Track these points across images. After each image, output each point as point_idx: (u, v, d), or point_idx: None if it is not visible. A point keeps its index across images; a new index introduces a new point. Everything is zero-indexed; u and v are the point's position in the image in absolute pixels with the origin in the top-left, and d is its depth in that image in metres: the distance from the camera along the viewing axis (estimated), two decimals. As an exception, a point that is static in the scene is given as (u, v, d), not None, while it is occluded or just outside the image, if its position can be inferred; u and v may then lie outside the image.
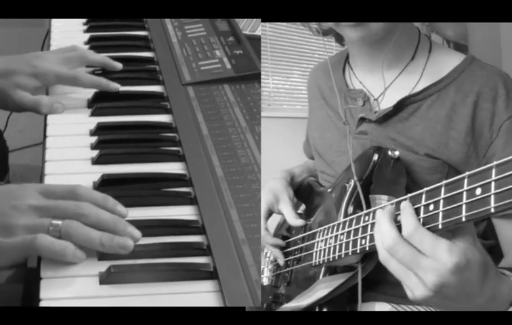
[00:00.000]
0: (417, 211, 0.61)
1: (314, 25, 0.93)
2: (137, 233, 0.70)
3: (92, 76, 0.97)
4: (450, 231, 0.60)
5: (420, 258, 0.60)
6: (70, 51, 0.99)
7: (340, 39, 0.94)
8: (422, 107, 0.84)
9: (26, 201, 0.69)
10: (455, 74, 0.84)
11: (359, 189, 0.80)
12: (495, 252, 0.85)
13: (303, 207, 0.97)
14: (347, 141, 0.87)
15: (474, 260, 0.59)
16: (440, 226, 0.59)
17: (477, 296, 0.62)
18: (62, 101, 0.94)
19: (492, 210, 0.53)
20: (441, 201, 0.59)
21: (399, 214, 0.63)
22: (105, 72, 0.99)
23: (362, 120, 0.88)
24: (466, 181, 0.56)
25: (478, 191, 0.54)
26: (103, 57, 1.00)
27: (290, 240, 0.95)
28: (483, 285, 0.61)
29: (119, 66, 1.01)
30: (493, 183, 0.53)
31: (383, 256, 0.64)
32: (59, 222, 0.68)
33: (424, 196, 0.61)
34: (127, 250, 0.69)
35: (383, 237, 0.63)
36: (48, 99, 0.94)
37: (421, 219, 0.61)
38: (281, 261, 0.94)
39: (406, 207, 0.62)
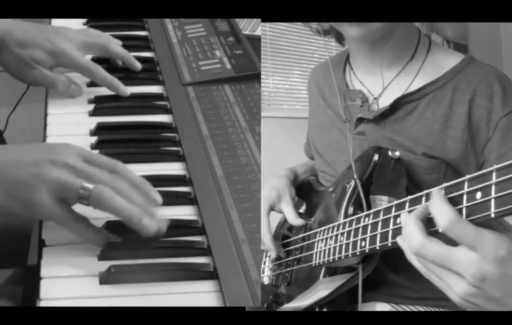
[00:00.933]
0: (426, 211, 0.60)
1: (314, 25, 0.93)
2: (163, 225, 0.70)
3: (107, 74, 0.96)
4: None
5: (454, 252, 0.56)
6: (96, 37, 0.98)
7: (340, 39, 0.94)
8: (419, 106, 0.84)
9: (64, 158, 0.68)
10: (452, 74, 0.84)
11: (360, 189, 0.80)
12: None
13: (304, 207, 0.97)
14: (348, 140, 0.87)
15: None
16: (440, 230, 0.58)
17: None
18: (79, 85, 0.94)
19: (493, 215, 0.52)
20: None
21: (398, 214, 0.63)
22: (112, 70, 0.99)
23: (360, 120, 0.88)
24: (466, 184, 0.56)
25: (478, 194, 0.54)
26: (126, 52, 1.00)
27: (290, 239, 0.95)
28: None
29: (139, 65, 1.00)
30: (493, 187, 0.52)
31: (416, 262, 0.60)
32: (91, 186, 0.67)
33: (424, 198, 0.61)
34: (149, 232, 0.68)
35: (409, 241, 0.59)
36: (66, 78, 0.94)
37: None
38: (282, 254, 0.93)
39: (438, 196, 0.58)
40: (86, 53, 0.96)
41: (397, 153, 0.81)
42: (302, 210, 0.96)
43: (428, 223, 0.59)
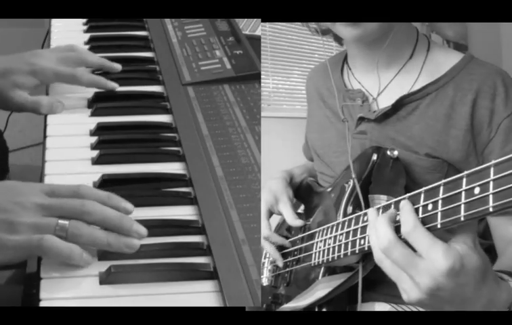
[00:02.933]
0: (416, 211, 0.61)
1: (313, 25, 0.93)
2: (142, 230, 0.70)
3: (90, 75, 0.97)
4: (450, 232, 0.60)
5: (415, 259, 0.59)
6: (68, 50, 0.98)
7: (339, 39, 0.94)
8: (421, 106, 0.84)
9: (31, 198, 0.68)
10: (453, 73, 0.84)
11: (358, 189, 0.80)
12: (494, 251, 0.85)
13: (302, 207, 0.97)
14: (347, 141, 0.87)
15: (471, 265, 0.58)
16: (439, 226, 0.58)
17: (473, 301, 0.61)
18: (62, 101, 0.94)
19: (491, 209, 0.53)
20: (440, 201, 0.58)
21: (398, 214, 0.63)
22: (106, 73, 0.99)
23: (361, 119, 0.88)
24: (464, 180, 0.56)
25: (477, 190, 0.54)
26: (101, 59, 1.00)
27: (290, 240, 0.95)
28: (480, 291, 0.60)
29: (118, 67, 1.00)
30: (491, 183, 0.53)
31: (378, 257, 0.64)
32: (66, 222, 0.67)
33: (422, 195, 0.61)
34: (134, 249, 0.69)
35: (379, 238, 0.63)
36: (48, 99, 0.94)
37: (420, 219, 0.60)
38: (280, 263, 0.94)
39: (406, 205, 0.62)
40: (65, 66, 0.96)
41: (396, 152, 0.81)
42: (300, 210, 0.96)
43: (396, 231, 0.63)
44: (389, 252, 0.61)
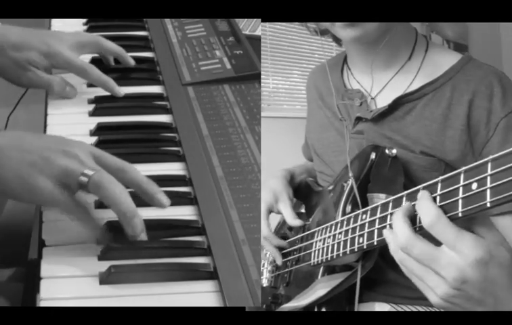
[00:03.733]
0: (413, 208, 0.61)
1: (312, 25, 0.93)
2: (165, 199, 0.71)
3: (101, 74, 0.96)
4: (469, 228, 0.58)
5: (438, 252, 0.57)
6: (87, 35, 0.99)
7: (337, 40, 0.95)
8: (417, 106, 0.84)
9: (76, 151, 0.69)
10: (451, 73, 0.84)
11: (355, 188, 0.80)
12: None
13: (303, 207, 0.97)
14: (345, 140, 0.87)
15: (500, 258, 0.56)
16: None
17: (504, 300, 0.58)
18: (74, 87, 0.94)
19: (488, 204, 0.53)
20: (438, 197, 0.58)
21: (396, 211, 0.63)
22: (107, 70, 0.99)
23: (359, 119, 0.88)
24: (462, 176, 0.56)
25: (474, 185, 0.54)
26: (119, 47, 1.00)
27: (289, 240, 0.95)
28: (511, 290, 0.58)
29: (132, 62, 1.01)
30: (489, 178, 0.53)
31: (399, 257, 0.61)
32: (91, 172, 0.68)
33: (420, 193, 0.61)
34: (136, 235, 0.69)
35: (396, 236, 0.60)
36: (61, 80, 0.94)
37: (418, 217, 0.60)
38: (279, 261, 0.94)
39: (425, 195, 0.59)
40: (80, 53, 0.97)
41: (394, 151, 0.81)
42: (301, 211, 0.96)
43: (412, 221, 0.60)
44: (409, 250, 0.59)
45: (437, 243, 0.58)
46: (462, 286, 0.56)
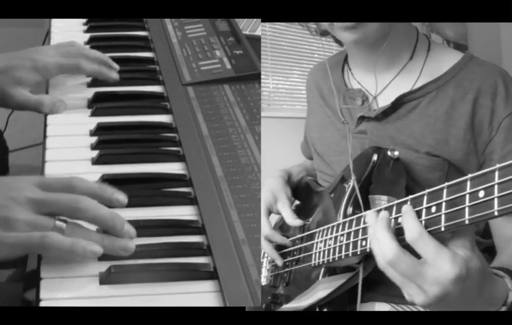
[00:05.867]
0: (419, 213, 0.61)
1: (313, 25, 0.93)
2: (132, 231, 0.70)
3: (94, 65, 0.96)
4: (449, 233, 0.60)
5: (422, 268, 0.59)
6: (69, 45, 0.98)
7: (338, 40, 0.95)
8: (421, 104, 0.84)
9: (24, 193, 0.67)
10: (454, 72, 0.84)
11: (357, 189, 0.80)
12: (494, 252, 0.85)
13: (296, 202, 0.97)
14: (347, 140, 0.87)
15: (474, 269, 0.59)
16: (443, 228, 0.58)
17: (475, 301, 0.62)
18: (64, 100, 0.94)
19: (496, 213, 0.53)
20: (444, 203, 0.58)
21: (399, 216, 0.63)
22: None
23: (361, 119, 0.88)
24: (468, 183, 0.56)
25: (481, 193, 0.54)
26: (101, 54, 1.00)
27: (289, 239, 0.95)
28: (481, 291, 0.61)
29: (116, 66, 1.00)
30: (496, 186, 0.53)
31: (382, 266, 0.63)
32: (64, 224, 0.67)
33: (426, 197, 0.61)
34: (129, 252, 0.69)
35: (383, 251, 0.62)
36: (50, 98, 0.94)
37: (423, 222, 0.60)
38: (279, 263, 0.93)
39: (408, 211, 0.61)
40: (66, 59, 0.96)
41: (396, 153, 0.81)
42: (293, 207, 0.96)
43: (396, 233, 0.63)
44: (395, 265, 0.61)
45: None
46: (442, 298, 0.59)
